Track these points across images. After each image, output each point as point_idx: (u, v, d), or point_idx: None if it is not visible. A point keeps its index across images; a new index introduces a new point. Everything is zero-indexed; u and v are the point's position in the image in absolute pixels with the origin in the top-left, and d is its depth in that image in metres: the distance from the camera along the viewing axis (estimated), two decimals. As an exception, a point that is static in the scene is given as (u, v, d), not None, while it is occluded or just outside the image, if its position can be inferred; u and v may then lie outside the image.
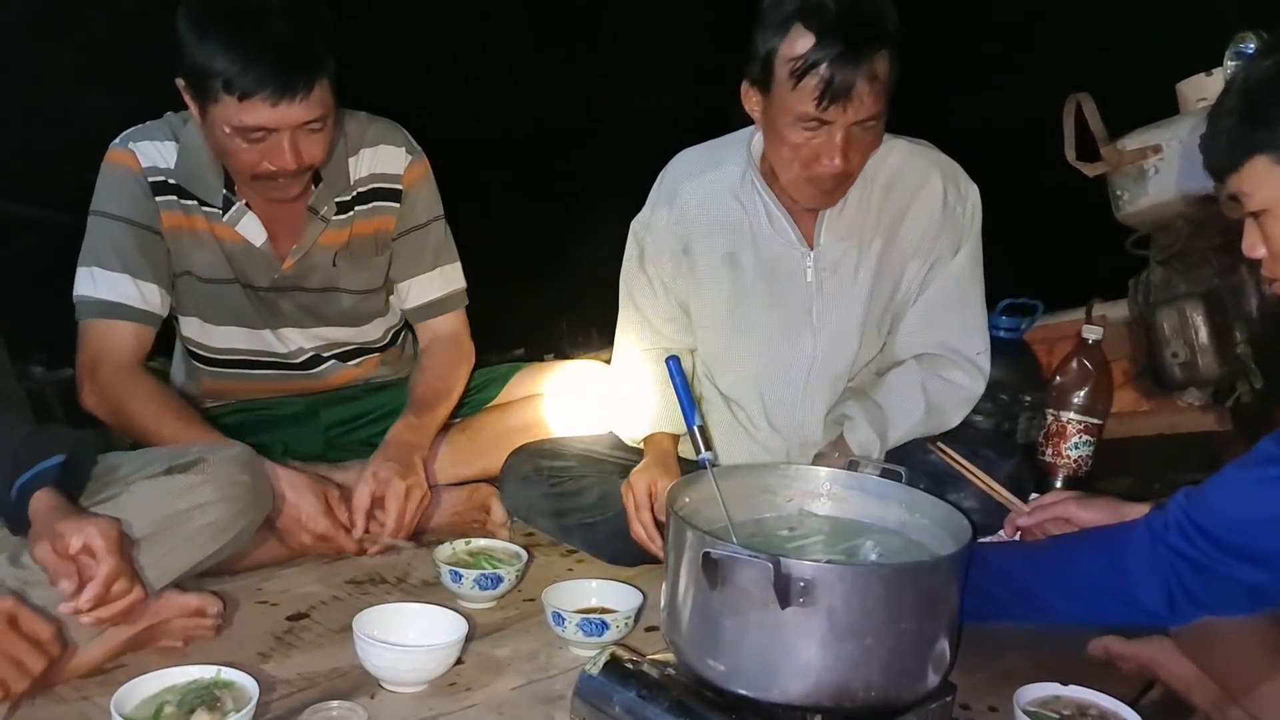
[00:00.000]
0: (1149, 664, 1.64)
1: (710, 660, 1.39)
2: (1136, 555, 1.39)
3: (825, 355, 2.05)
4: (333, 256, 2.10)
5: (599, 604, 1.77)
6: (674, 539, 1.45)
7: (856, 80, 1.73)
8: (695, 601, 1.41)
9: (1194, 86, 2.32)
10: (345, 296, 2.15)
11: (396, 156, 2.13)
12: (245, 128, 1.78)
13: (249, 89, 1.74)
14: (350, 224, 2.10)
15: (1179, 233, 2.28)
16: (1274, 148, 1.29)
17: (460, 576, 1.82)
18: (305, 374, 2.22)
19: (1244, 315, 2.21)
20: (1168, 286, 2.27)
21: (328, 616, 1.79)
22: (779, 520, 1.68)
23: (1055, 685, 1.56)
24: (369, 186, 2.11)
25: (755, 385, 2.11)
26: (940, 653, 1.41)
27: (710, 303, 2.09)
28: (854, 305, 2.03)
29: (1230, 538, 1.30)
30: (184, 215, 2.00)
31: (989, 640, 1.81)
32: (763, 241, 2.03)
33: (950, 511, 1.53)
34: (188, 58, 1.78)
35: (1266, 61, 1.32)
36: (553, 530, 2.15)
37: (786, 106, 1.79)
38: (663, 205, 2.10)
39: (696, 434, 1.62)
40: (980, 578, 1.52)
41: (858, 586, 1.31)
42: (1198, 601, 1.36)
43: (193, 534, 1.64)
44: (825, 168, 1.82)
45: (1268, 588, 1.32)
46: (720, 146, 2.10)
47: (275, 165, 1.83)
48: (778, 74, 1.79)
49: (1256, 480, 1.30)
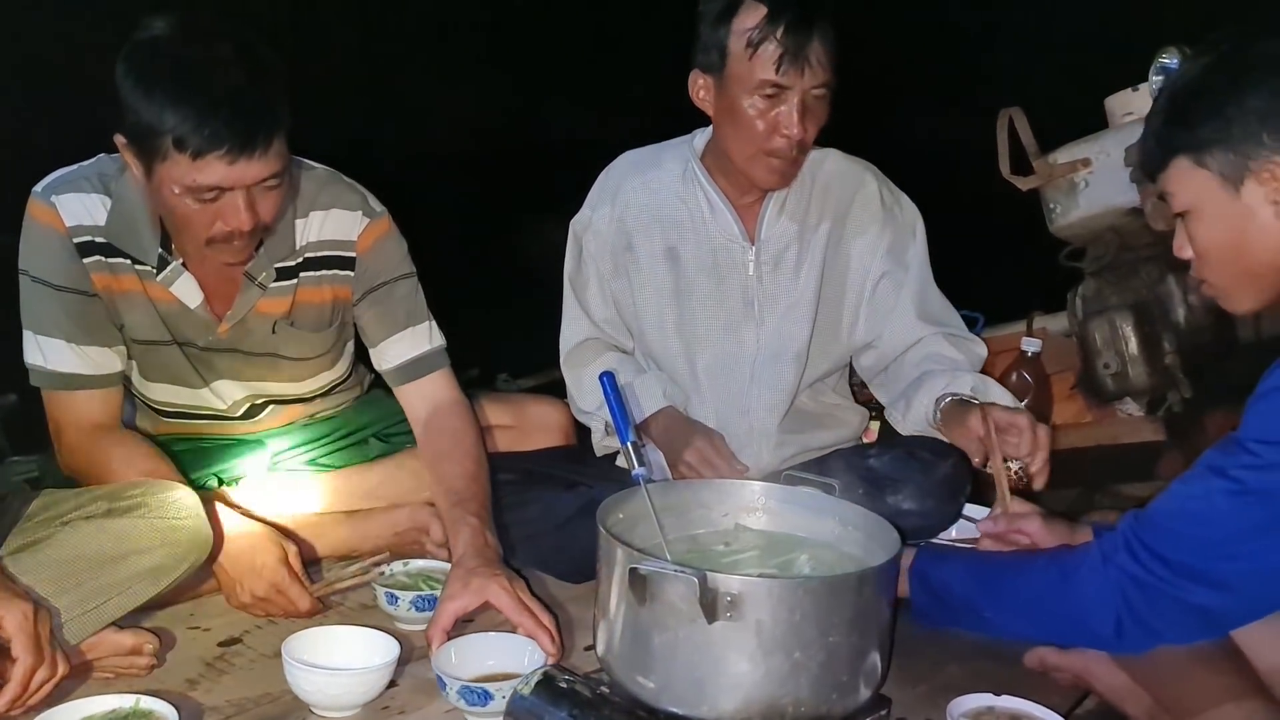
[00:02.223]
0: (1083, 674, 1.65)
1: (640, 678, 1.38)
2: (1087, 577, 1.37)
3: (769, 346, 2.10)
4: (272, 324, 1.98)
5: (495, 668, 1.59)
6: (604, 556, 1.45)
7: (812, 43, 1.84)
8: (625, 619, 1.40)
9: (1120, 101, 2.36)
10: (285, 362, 2.05)
11: (350, 221, 1.99)
12: (198, 187, 1.66)
13: (203, 147, 1.62)
14: (294, 291, 1.97)
15: (1108, 245, 2.32)
16: (1193, 149, 1.31)
17: (396, 599, 1.80)
18: (243, 423, 2.15)
19: (1172, 326, 2.25)
20: (1099, 298, 2.30)
21: (261, 641, 1.76)
22: (714, 535, 1.68)
23: (989, 696, 1.56)
24: (320, 253, 1.98)
25: (700, 377, 2.13)
26: (871, 666, 1.42)
27: (652, 298, 2.14)
28: (798, 298, 2.09)
29: (1179, 557, 1.28)
30: (112, 275, 1.88)
31: (928, 652, 1.82)
32: (704, 236, 2.09)
33: (881, 523, 1.54)
34: (130, 114, 1.65)
35: (1192, 68, 1.34)
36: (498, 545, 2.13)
37: (745, 78, 1.88)
38: (604, 204, 2.15)
39: (630, 450, 1.62)
40: (937, 581, 1.53)
41: (784, 600, 1.31)
42: (1146, 628, 1.33)
43: (130, 579, 1.61)
44: (785, 136, 1.90)
45: (1219, 611, 1.30)
46: (661, 149, 2.18)
47: (230, 226, 1.71)
48: (732, 49, 1.89)
49: (1202, 495, 1.29)
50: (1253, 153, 1.27)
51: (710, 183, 2.08)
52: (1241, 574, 1.25)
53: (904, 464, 1.94)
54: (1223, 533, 1.26)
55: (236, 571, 1.79)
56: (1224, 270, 1.35)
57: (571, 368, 2.23)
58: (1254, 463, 1.24)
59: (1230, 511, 1.25)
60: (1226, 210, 1.30)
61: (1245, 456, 1.25)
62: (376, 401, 2.33)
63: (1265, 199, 1.27)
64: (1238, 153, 1.27)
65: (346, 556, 2.06)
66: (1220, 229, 1.32)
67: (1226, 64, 1.30)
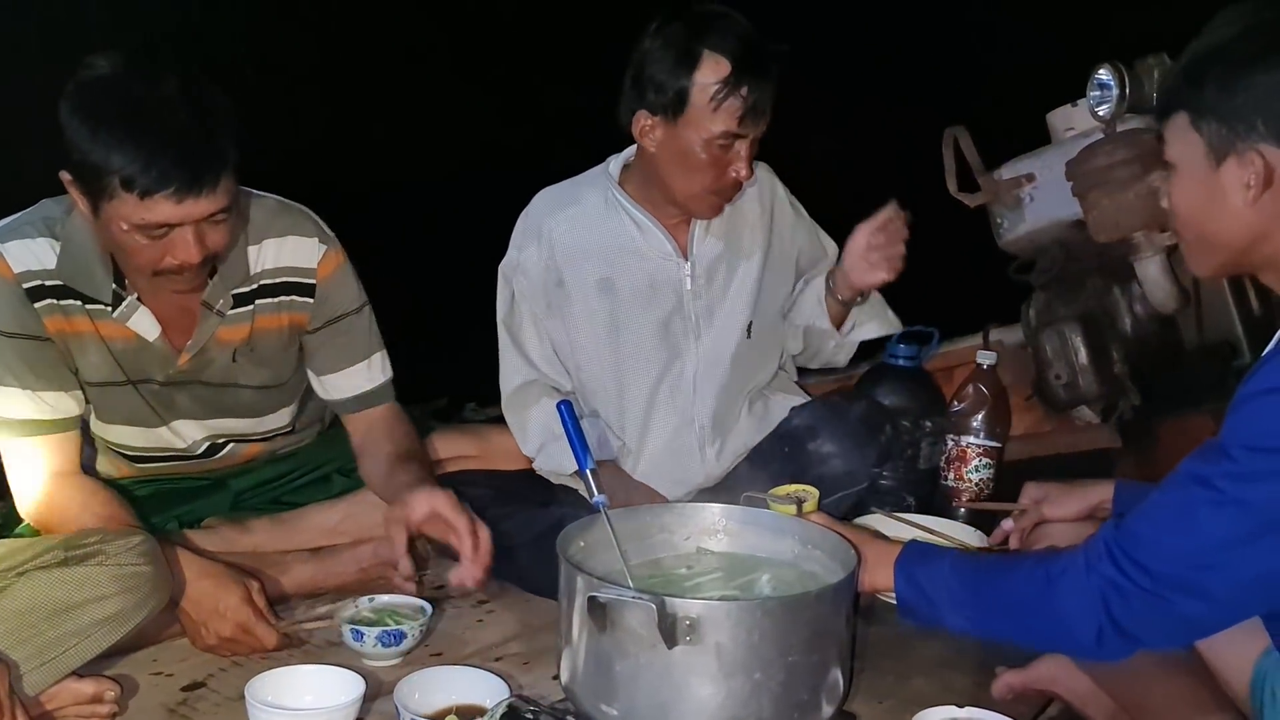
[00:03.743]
0: (1048, 682, 1.67)
1: (604, 705, 1.39)
2: (1070, 584, 1.34)
3: (709, 357, 2.16)
4: (232, 352, 1.98)
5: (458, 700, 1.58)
6: (565, 584, 1.45)
7: (769, 97, 1.96)
8: (587, 647, 1.41)
9: (1062, 117, 2.41)
10: (246, 392, 2.04)
11: (308, 248, 1.98)
12: (146, 225, 1.66)
13: (151, 187, 1.62)
14: (251, 318, 1.96)
15: (1055, 258, 2.36)
16: (1192, 108, 1.29)
17: (362, 635, 1.79)
18: (206, 460, 2.14)
19: (1120, 335, 2.28)
20: (1048, 310, 2.34)
21: (225, 685, 1.75)
22: (676, 559, 1.69)
23: (953, 708, 1.57)
24: (278, 280, 1.97)
25: (646, 399, 2.16)
26: (833, 683, 1.43)
27: (588, 331, 2.17)
28: (733, 310, 2.16)
29: (1161, 566, 1.26)
30: (65, 319, 1.86)
31: (894, 667, 1.84)
32: (637, 258, 2.14)
33: (840, 542, 1.55)
34: (76, 152, 1.65)
35: (1227, 29, 1.30)
36: None
37: (703, 128, 1.96)
38: (529, 243, 2.17)
39: (589, 478, 1.63)
40: (924, 578, 1.50)
41: (742, 621, 1.32)
42: (1127, 636, 1.30)
43: (88, 627, 1.59)
44: (735, 178, 2.02)
45: (1201, 620, 1.29)
46: (576, 183, 2.22)
47: (179, 260, 1.71)
48: (694, 100, 1.96)
49: (1184, 504, 1.27)
50: (1243, 133, 1.25)
51: (635, 206, 2.13)
52: (1223, 584, 1.24)
53: (817, 412, 2.16)
54: (1204, 543, 1.24)
55: (201, 614, 1.79)
56: (1188, 230, 1.35)
57: (513, 411, 2.23)
58: (1236, 470, 1.22)
59: (1212, 521, 1.23)
60: (1202, 180, 1.29)
61: (1227, 464, 1.23)
62: (339, 438, 2.32)
63: (1240, 182, 1.26)
64: (1230, 129, 1.26)
65: (313, 594, 2.05)
66: (1191, 195, 1.32)
67: (1254, 36, 1.27)
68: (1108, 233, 2.14)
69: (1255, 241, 1.29)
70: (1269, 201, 1.26)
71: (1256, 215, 1.27)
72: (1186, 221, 1.35)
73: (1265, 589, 1.25)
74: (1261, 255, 1.31)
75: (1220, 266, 1.38)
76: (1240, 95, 1.25)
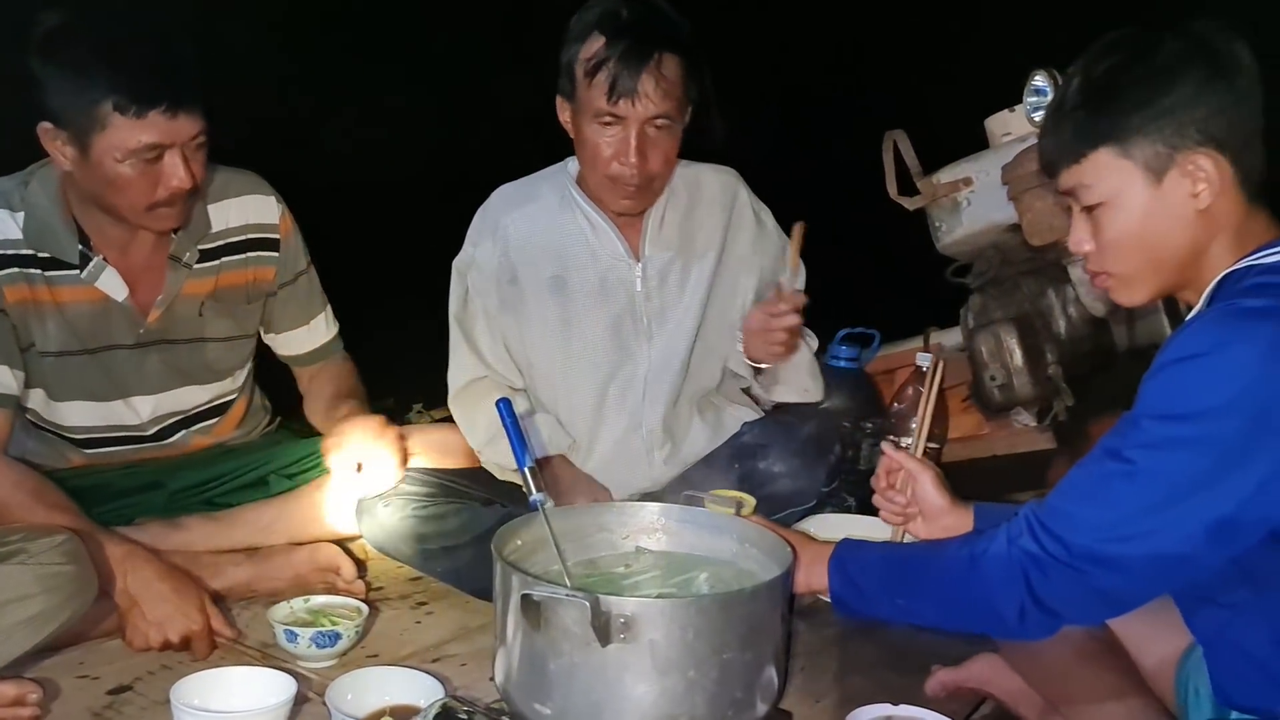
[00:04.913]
0: (981, 681, 1.69)
1: (538, 705, 1.38)
2: (992, 562, 1.34)
3: (660, 360, 2.14)
4: (199, 306, 2.07)
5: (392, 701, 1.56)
6: (500, 584, 1.44)
7: (642, 76, 1.90)
8: (522, 646, 1.40)
9: (999, 122, 2.45)
10: (211, 346, 2.11)
11: (269, 206, 2.13)
12: (141, 148, 1.78)
13: (145, 103, 1.75)
14: (217, 272, 2.07)
15: (991, 261, 2.39)
16: (1117, 139, 1.31)
17: (296, 636, 1.76)
18: (156, 445, 2.14)
19: (1053, 337, 2.32)
20: (984, 312, 2.37)
21: (153, 688, 1.71)
22: (615, 558, 1.68)
23: (887, 706, 1.59)
24: (243, 236, 2.09)
25: (595, 399, 2.14)
26: (767, 681, 1.43)
27: (539, 329, 2.15)
28: (685, 313, 2.13)
29: (1077, 539, 1.27)
30: (28, 287, 1.92)
31: (832, 666, 1.85)
32: (590, 257, 2.12)
33: (777, 541, 1.56)
34: (58, 96, 1.77)
35: (1108, 60, 1.34)
36: (413, 558, 2.11)
37: (586, 105, 1.95)
38: (485, 239, 2.16)
39: (528, 475, 1.62)
40: (855, 569, 1.51)
41: (676, 619, 1.32)
42: (1048, 611, 1.31)
43: (10, 628, 1.57)
44: (623, 166, 1.97)
45: (1117, 593, 1.30)
46: (535, 180, 2.20)
47: (173, 185, 1.83)
48: (577, 76, 1.96)
49: (1098, 478, 1.28)
50: (1180, 144, 1.28)
51: (590, 204, 2.11)
52: (1137, 556, 1.24)
53: (769, 430, 2.13)
54: (1118, 514, 1.25)
55: (156, 615, 1.77)
56: (1130, 261, 1.35)
57: (462, 405, 2.20)
58: (1145, 439, 1.23)
59: (1124, 492, 1.24)
60: (1145, 202, 1.30)
61: (1137, 434, 1.24)
62: (283, 440, 2.32)
63: (1186, 192, 1.28)
64: (1166, 144, 1.28)
65: (246, 596, 2.03)
66: (1135, 220, 1.32)
67: (1147, 56, 1.30)
68: (1041, 236, 2.17)
69: (1194, 254, 1.32)
70: (1217, 203, 1.29)
71: (1201, 223, 1.30)
72: (1128, 251, 1.34)
73: (1180, 562, 1.25)
74: (1191, 273, 1.33)
75: (1155, 290, 1.38)
76: (1166, 110, 1.28)
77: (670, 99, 1.93)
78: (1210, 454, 1.19)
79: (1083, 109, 1.34)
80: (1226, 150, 1.28)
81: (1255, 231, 1.31)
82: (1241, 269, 1.28)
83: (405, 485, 2.11)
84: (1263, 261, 1.27)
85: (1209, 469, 1.20)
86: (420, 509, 2.08)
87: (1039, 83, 2.22)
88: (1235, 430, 1.18)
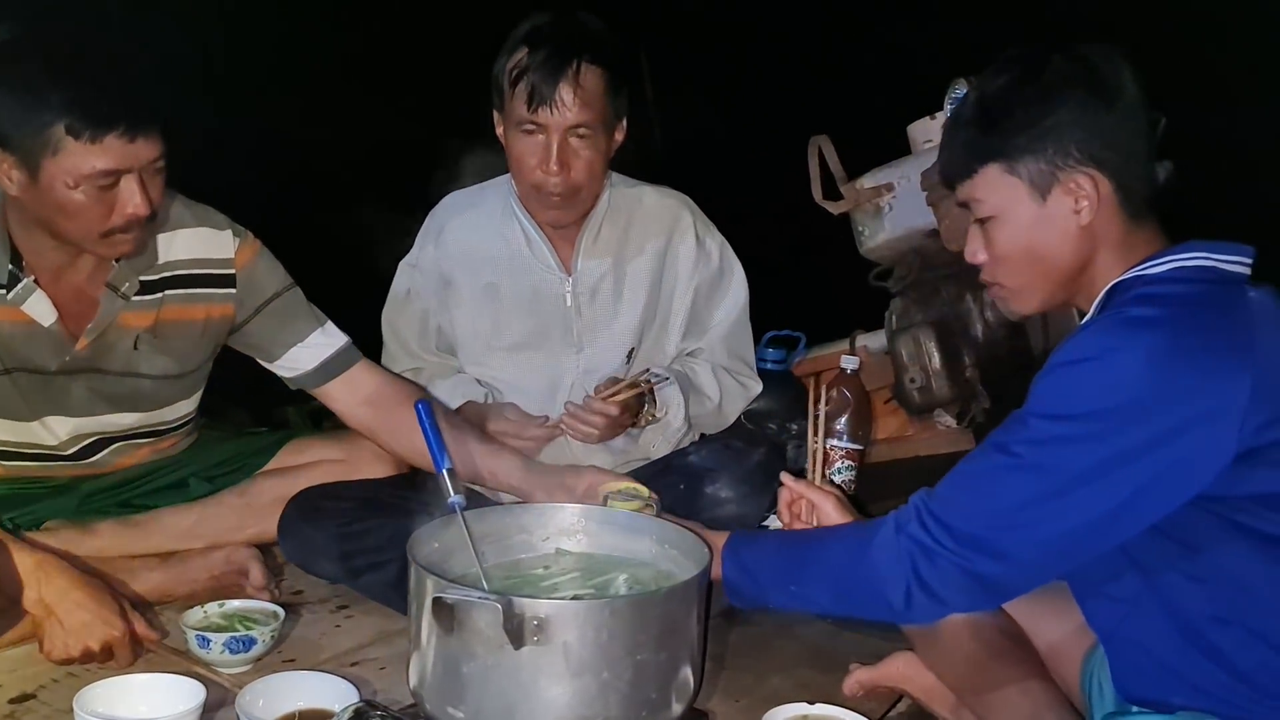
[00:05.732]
0: (897, 679, 1.71)
1: (451, 708, 1.37)
2: (881, 548, 1.38)
3: (584, 374, 2.15)
4: (134, 339, 1.96)
5: (304, 706, 1.55)
6: (414, 587, 1.43)
7: (560, 84, 1.93)
8: (435, 650, 1.38)
9: (921, 129, 2.49)
10: (146, 382, 2.01)
11: (222, 240, 2.00)
12: (95, 173, 1.67)
13: (100, 126, 1.64)
14: (159, 306, 1.96)
15: (912, 265, 2.43)
16: (1005, 156, 1.36)
17: (209, 641, 1.73)
18: (75, 464, 2.07)
19: (971, 341, 2.37)
20: (906, 316, 2.41)
21: (57, 696, 1.67)
22: (535, 560, 1.68)
23: (803, 705, 1.60)
24: (191, 271, 1.98)
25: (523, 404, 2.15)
26: (683, 681, 1.43)
27: (472, 332, 2.19)
28: (616, 328, 2.15)
29: (963, 526, 1.32)
30: None
31: (753, 666, 1.87)
32: (522, 269, 2.14)
33: (696, 541, 1.56)
34: (5, 116, 1.65)
35: (1001, 79, 1.40)
36: (338, 574, 2.08)
37: (511, 114, 1.99)
38: (429, 242, 2.21)
39: (446, 478, 1.60)
40: (748, 557, 1.54)
41: (590, 621, 1.32)
42: (933, 596, 1.35)
43: None
44: (545, 174, 1.99)
45: (1000, 580, 1.34)
46: (484, 187, 2.24)
47: (129, 213, 1.72)
48: (504, 85, 1.99)
49: (986, 469, 1.33)
50: (1062, 164, 1.33)
51: (528, 217, 2.13)
52: (1019, 543, 1.29)
53: (718, 455, 2.11)
54: (1002, 504, 1.30)
55: (76, 621, 1.69)
56: (1020, 273, 1.41)
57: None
58: (1033, 436, 1.28)
59: (1009, 484, 1.29)
60: (1031, 217, 1.36)
61: (1025, 430, 1.29)
62: (204, 443, 2.26)
63: (1069, 209, 1.34)
64: (1049, 163, 1.34)
65: (160, 601, 1.99)
66: (1023, 235, 1.37)
67: (1034, 77, 1.36)
68: (959, 242, 2.18)
69: (1081, 266, 1.37)
70: (1098, 219, 1.35)
71: (1085, 238, 1.36)
72: (1018, 264, 1.40)
73: (1061, 550, 1.30)
74: (1080, 283, 1.39)
75: (1045, 301, 1.44)
76: (1049, 131, 1.34)
77: (590, 109, 1.96)
78: (1094, 452, 1.24)
79: (975, 125, 1.40)
80: (1106, 169, 1.34)
81: (1140, 243, 1.36)
82: (1129, 278, 1.33)
83: (325, 503, 2.09)
84: (1148, 273, 1.33)
85: (1091, 466, 1.24)
86: (344, 524, 2.06)
87: (959, 91, 2.27)
88: (1116, 431, 1.23)
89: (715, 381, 2.17)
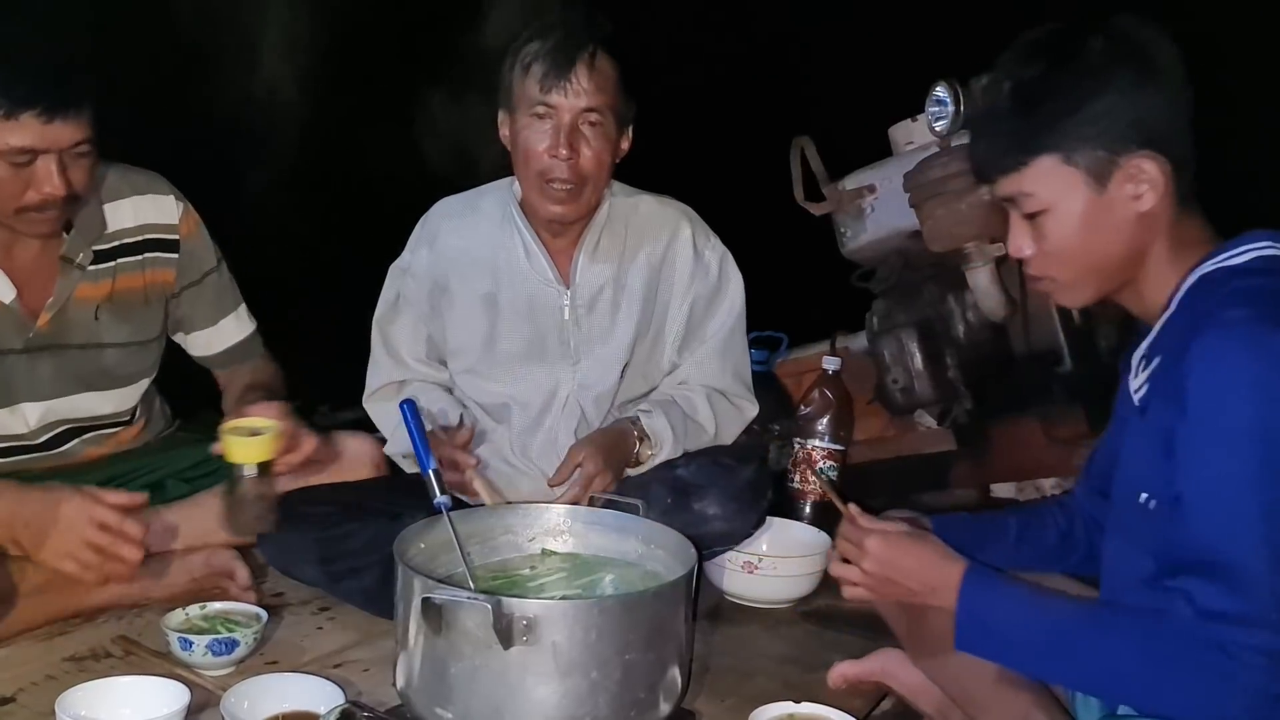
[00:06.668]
0: (883, 676, 1.72)
1: (440, 709, 1.36)
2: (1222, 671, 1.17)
3: (581, 387, 2.11)
4: (94, 309, 1.97)
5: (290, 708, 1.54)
6: (402, 588, 1.42)
7: (576, 65, 1.92)
8: (423, 650, 1.38)
9: (902, 131, 2.50)
10: (110, 352, 2.02)
11: (167, 206, 2.04)
12: (11, 150, 1.70)
13: (19, 105, 1.68)
14: (113, 274, 1.98)
15: (894, 266, 2.45)
16: (1059, 146, 1.30)
17: (191, 644, 1.71)
18: (46, 455, 2.05)
19: (953, 342, 2.38)
20: (888, 317, 2.42)
21: (38, 699, 1.64)
22: (521, 560, 1.68)
23: (789, 704, 1.61)
24: (140, 237, 2.00)
25: (514, 414, 2.12)
26: (671, 681, 1.44)
27: (466, 341, 2.13)
28: (613, 342, 2.10)
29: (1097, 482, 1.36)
30: None
31: (738, 665, 1.87)
32: (519, 280, 2.09)
33: (682, 541, 1.57)
34: None
35: (1035, 64, 1.33)
36: (318, 579, 2.06)
37: (521, 101, 1.96)
38: (423, 247, 2.15)
39: (432, 478, 1.60)
40: (987, 612, 1.40)
41: (579, 621, 1.32)
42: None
43: None
44: (554, 158, 1.95)
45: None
46: (480, 193, 2.18)
47: (43, 193, 1.74)
48: (515, 76, 1.97)
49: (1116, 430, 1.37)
50: (1122, 149, 1.28)
51: (527, 227, 2.08)
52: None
53: (708, 471, 2.03)
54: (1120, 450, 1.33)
55: (32, 533, 1.71)
56: (1074, 266, 1.35)
57: (376, 401, 2.18)
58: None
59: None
60: (1089, 207, 1.30)
61: None
62: (181, 443, 2.24)
63: (1129, 195, 1.29)
64: (1107, 149, 1.28)
65: (138, 604, 1.96)
66: (1079, 226, 1.31)
67: (1075, 58, 1.30)
68: (941, 242, 2.22)
69: (1137, 255, 1.33)
70: (1158, 206, 1.30)
71: (1142, 225, 1.31)
72: (1072, 256, 1.35)
73: None
74: (1131, 274, 1.35)
75: (1099, 291, 1.39)
76: (1102, 115, 1.28)
77: (603, 94, 1.94)
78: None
79: (1018, 115, 1.32)
80: (1165, 150, 1.28)
81: (1190, 230, 1.32)
82: (1212, 271, 1.29)
83: (305, 507, 2.07)
84: (1231, 263, 1.28)
85: None
86: (324, 529, 2.04)
87: (940, 93, 2.27)
88: None
89: (711, 411, 2.12)
